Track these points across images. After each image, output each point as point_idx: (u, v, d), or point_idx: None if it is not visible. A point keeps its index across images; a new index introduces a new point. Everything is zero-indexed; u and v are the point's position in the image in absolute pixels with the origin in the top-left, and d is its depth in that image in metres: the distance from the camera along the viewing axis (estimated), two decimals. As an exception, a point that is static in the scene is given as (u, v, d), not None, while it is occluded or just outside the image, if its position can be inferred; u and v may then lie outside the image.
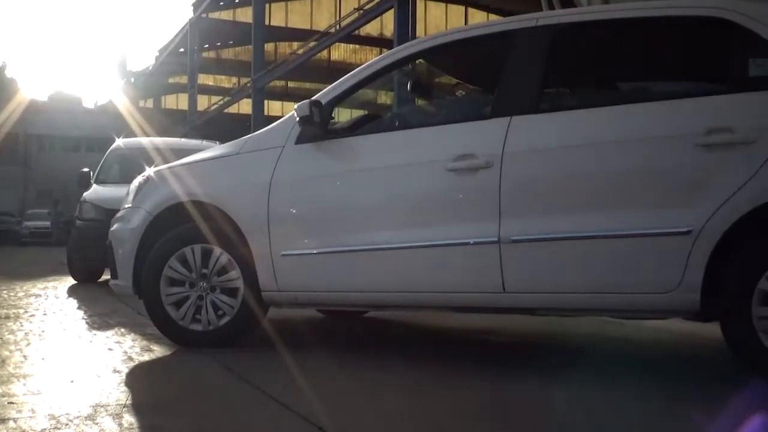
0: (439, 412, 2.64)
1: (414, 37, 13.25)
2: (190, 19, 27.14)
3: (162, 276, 3.83)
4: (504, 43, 3.43)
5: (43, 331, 4.45)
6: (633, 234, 2.97)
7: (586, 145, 3.11)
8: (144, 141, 9.95)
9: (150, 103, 36.69)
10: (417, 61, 4.14)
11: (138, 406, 2.67)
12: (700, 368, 3.57)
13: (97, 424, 2.41)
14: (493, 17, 24.76)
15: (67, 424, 2.39)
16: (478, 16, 26.38)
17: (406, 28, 13.37)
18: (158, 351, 3.80)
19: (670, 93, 3.61)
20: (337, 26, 18.70)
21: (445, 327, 4.85)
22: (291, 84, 30.91)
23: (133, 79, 35.86)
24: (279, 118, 4.27)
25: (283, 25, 27.76)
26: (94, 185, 8.56)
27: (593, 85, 4.17)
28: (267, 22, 24.12)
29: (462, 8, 27.47)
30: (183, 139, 11.92)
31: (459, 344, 4.38)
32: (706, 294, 2.86)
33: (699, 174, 2.91)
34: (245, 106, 27.28)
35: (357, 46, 28.91)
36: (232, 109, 28.98)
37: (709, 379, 3.19)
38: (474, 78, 4.69)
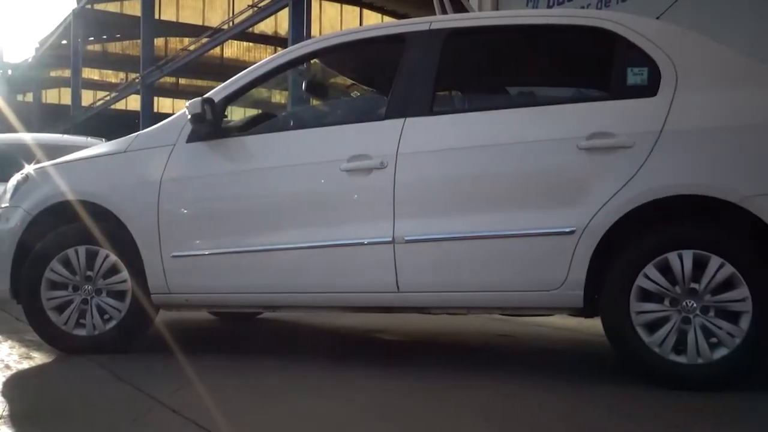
0: (334, 413, 2.64)
1: (309, 36, 13.18)
2: (73, 10, 25.90)
3: (43, 279, 3.65)
4: (398, 46, 3.47)
5: None
6: (520, 234, 3.07)
7: (477, 148, 3.19)
8: (23, 137, 9.43)
9: (29, 98, 34.76)
10: (312, 61, 4.13)
11: (16, 418, 2.52)
12: (579, 361, 3.74)
13: (-30, 437, 2.26)
14: (387, 19, 25.00)
15: (-65, 439, 2.24)
16: (372, 18, 26.55)
17: (300, 27, 13.28)
18: (39, 358, 3.61)
19: (557, 98, 3.77)
20: (231, 23, 18.36)
21: (339, 327, 4.85)
22: (182, 81, 30.07)
23: (10, 72, 33.89)
24: (169, 115, 4.15)
25: (173, 19, 26.99)
26: (-33, 183, 8.05)
27: (484, 88, 4.30)
28: (157, 16, 23.38)
29: (357, 9, 27.59)
30: (66, 136, 11.36)
31: (353, 344, 4.39)
32: (588, 291, 3.00)
33: (582, 176, 3.04)
34: (133, 103, 26.35)
35: (251, 44, 28.50)
36: (120, 105, 27.89)
37: (586, 371, 3.35)
38: (369, 79, 4.73)
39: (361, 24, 25.91)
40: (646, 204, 2.93)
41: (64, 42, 28.08)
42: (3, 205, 3.95)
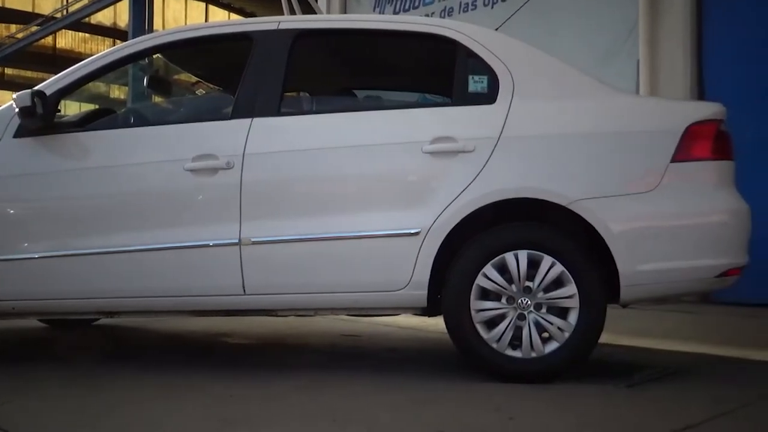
0: (177, 421, 2.55)
1: (150, 30, 12.69)
2: None
3: None
4: (246, 44, 3.42)
5: None
6: (366, 235, 3.11)
7: (324, 149, 3.21)
8: None
9: None
10: (155, 56, 3.98)
11: None
12: (424, 359, 3.85)
13: None
14: (234, 17, 24.57)
15: None
16: (219, 14, 25.98)
17: (142, 19, 12.74)
18: None
19: (403, 102, 3.86)
20: (65, 11, 17.31)
21: (183, 331, 4.71)
22: (8, 71, 27.95)
23: None
24: (-6, 107, 3.83)
25: (-2, 4, 25.03)
26: None
27: (333, 91, 4.33)
28: (-21, 0, 21.58)
29: (202, 5, 26.89)
30: None
31: (197, 349, 4.28)
32: (431, 291, 3.10)
33: (426, 179, 3.14)
34: (-49, 93, 24.15)
35: (87, 35, 26.99)
36: (-65, 95, 25.50)
37: (430, 369, 3.46)
38: (215, 77, 4.62)
39: (206, 20, 25.30)
40: (485, 206, 3.07)
41: None
42: None
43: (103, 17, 22.75)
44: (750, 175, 3.85)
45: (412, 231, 3.07)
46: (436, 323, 3.66)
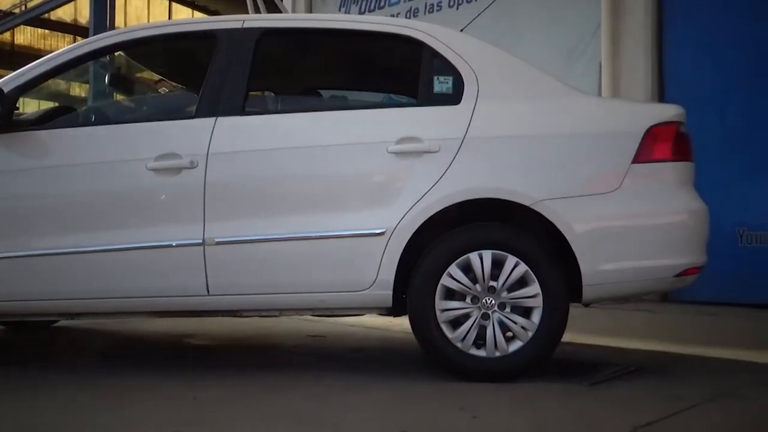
0: (138, 425, 2.52)
1: (112, 27, 12.49)
2: None
3: None
4: (210, 43, 3.39)
5: None
6: (332, 235, 3.11)
7: (289, 149, 3.19)
8: None
9: None
10: (117, 54, 3.92)
11: None
12: (389, 359, 3.86)
13: None
14: (198, 15, 24.34)
15: None
16: (182, 12, 25.70)
17: (103, 16, 12.52)
18: None
19: (368, 102, 3.86)
20: (23, 7, 16.97)
21: (146, 333, 4.65)
22: (-35, 67, 27.30)
23: None
24: (-50, 104, 3.73)
25: (-46, -1, 24.42)
26: None
27: (298, 90, 4.32)
28: (-67, -6, 21.03)
29: (165, 2, 26.59)
30: None
31: (160, 350, 4.23)
32: (397, 290, 3.10)
33: (391, 179, 3.15)
34: None
35: (47, 31, 26.49)
36: None
37: (395, 369, 3.46)
38: (178, 75, 4.57)
39: (169, 18, 25.03)
40: (450, 206, 3.08)
41: None
42: None
43: (64, 13, 22.35)
44: (710, 174, 3.94)
45: (377, 231, 3.07)
46: (402, 323, 3.67)
